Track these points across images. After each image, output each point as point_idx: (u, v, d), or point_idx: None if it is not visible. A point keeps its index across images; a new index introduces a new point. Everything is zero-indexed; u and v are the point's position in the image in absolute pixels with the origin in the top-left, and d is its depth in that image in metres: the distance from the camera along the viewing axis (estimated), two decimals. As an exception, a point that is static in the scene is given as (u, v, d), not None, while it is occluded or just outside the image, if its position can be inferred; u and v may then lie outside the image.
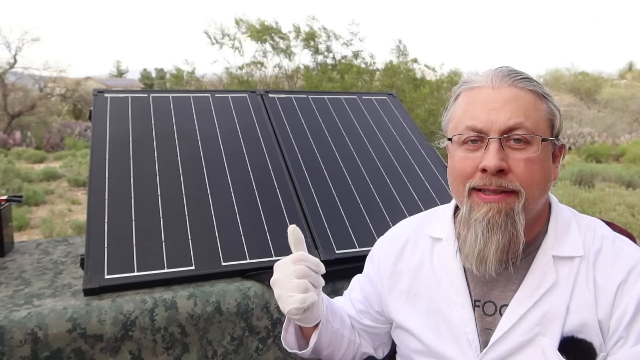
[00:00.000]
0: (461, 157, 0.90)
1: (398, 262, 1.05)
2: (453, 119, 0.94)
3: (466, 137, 0.89)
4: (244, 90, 2.14)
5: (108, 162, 1.58)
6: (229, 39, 10.62)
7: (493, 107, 0.87)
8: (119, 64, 37.90)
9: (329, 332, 1.03)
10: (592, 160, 11.57)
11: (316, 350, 1.05)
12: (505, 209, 0.85)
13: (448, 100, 0.99)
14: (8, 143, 13.32)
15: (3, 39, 20.42)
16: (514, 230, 0.85)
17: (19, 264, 1.51)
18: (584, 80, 22.57)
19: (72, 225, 6.12)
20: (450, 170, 0.94)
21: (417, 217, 1.12)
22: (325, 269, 0.95)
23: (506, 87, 0.88)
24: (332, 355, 1.08)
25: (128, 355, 1.19)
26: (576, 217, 0.96)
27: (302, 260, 0.92)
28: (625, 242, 0.92)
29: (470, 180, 0.88)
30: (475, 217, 0.87)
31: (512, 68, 0.93)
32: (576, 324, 0.86)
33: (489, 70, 0.93)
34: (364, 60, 11.14)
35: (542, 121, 0.88)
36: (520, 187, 0.85)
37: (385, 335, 1.13)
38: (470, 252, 0.88)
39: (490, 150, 0.85)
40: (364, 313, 1.11)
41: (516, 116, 0.86)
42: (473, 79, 0.93)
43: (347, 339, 1.08)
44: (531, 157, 0.86)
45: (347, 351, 1.09)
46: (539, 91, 0.89)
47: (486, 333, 0.92)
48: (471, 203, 0.89)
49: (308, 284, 0.91)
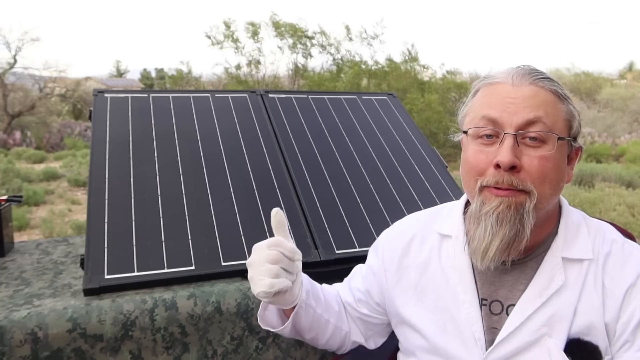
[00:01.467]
0: (475, 150, 0.90)
1: (404, 257, 1.05)
2: (470, 112, 0.94)
3: (482, 131, 0.89)
4: (244, 90, 2.14)
5: (108, 162, 1.58)
6: (231, 39, 10.62)
7: (512, 102, 0.87)
8: (119, 64, 37.89)
9: (310, 317, 1.04)
10: (592, 160, 11.57)
11: (297, 332, 1.07)
12: (515, 204, 0.85)
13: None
14: (8, 143, 13.32)
15: (3, 39, 20.39)
16: (521, 227, 0.85)
17: (19, 264, 1.51)
18: (584, 80, 22.56)
19: (72, 225, 6.12)
20: (464, 163, 0.94)
21: (423, 213, 1.11)
22: (302, 256, 0.97)
23: (526, 85, 0.88)
24: (316, 339, 1.09)
25: (128, 355, 1.19)
26: (586, 220, 0.96)
27: (277, 245, 0.94)
28: (635, 247, 0.92)
29: (482, 177, 0.88)
30: (486, 210, 0.87)
31: (534, 67, 0.92)
32: (583, 327, 0.86)
33: (510, 68, 0.93)
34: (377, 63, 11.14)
35: (560, 120, 0.88)
36: (532, 187, 0.85)
37: (379, 326, 1.14)
38: (477, 246, 0.88)
39: (504, 146, 0.85)
40: (363, 302, 1.11)
41: (535, 111, 0.85)
42: (493, 75, 0.93)
43: (332, 325, 1.08)
44: (545, 155, 0.85)
45: (332, 337, 1.10)
46: (559, 91, 0.89)
47: (492, 332, 0.92)
48: (482, 198, 0.88)
49: (279, 270, 0.92)
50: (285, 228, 0.98)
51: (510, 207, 0.85)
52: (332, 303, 1.11)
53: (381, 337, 1.16)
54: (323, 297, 1.08)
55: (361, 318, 1.12)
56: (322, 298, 1.08)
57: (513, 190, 0.85)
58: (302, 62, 11.17)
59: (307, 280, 1.06)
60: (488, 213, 0.86)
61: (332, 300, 1.12)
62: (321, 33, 11.12)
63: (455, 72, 11.51)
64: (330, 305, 1.10)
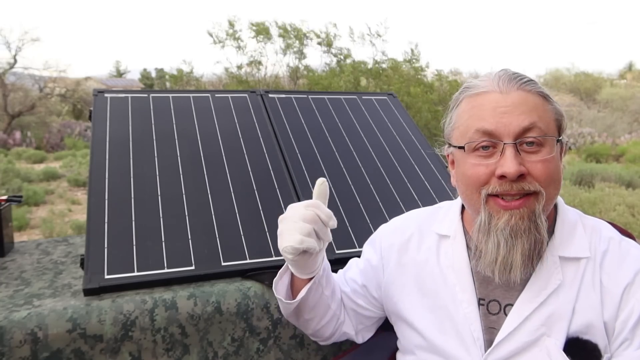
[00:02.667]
0: (473, 164, 0.88)
1: (403, 255, 1.05)
2: (459, 126, 0.92)
3: (477, 144, 0.87)
4: (244, 90, 2.14)
5: (108, 162, 1.58)
6: (233, 38, 10.60)
7: (504, 110, 0.86)
8: (118, 64, 37.92)
9: (317, 296, 1.02)
10: (592, 160, 11.58)
11: (299, 309, 1.05)
12: (527, 213, 0.84)
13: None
14: (8, 143, 13.32)
15: (3, 39, 20.42)
16: (538, 234, 0.85)
17: (19, 264, 1.51)
18: (584, 80, 22.57)
19: (72, 225, 6.12)
20: (462, 177, 0.92)
21: (420, 211, 1.11)
22: (336, 225, 0.94)
23: (515, 91, 0.87)
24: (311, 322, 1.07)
25: (128, 356, 1.19)
26: (582, 219, 0.96)
27: (315, 207, 0.92)
28: (632, 245, 0.92)
29: (486, 186, 0.87)
30: (498, 225, 0.85)
31: (514, 70, 0.92)
32: (582, 325, 0.86)
33: (490, 74, 0.92)
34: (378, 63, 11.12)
35: (552, 122, 0.88)
36: (540, 187, 0.85)
37: (371, 320, 1.14)
38: (491, 259, 0.87)
39: (507, 156, 0.84)
40: (359, 294, 1.12)
41: (529, 117, 0.85)
42: (476, 84, 0.91)
43: (332, 312, 1.07)
44: (547, 158, 0.85)
45: (328, 324, 1.08)
46: (544, 92, 0.90)
47: (490, 332, 0.92)
48: (490, 210, 0.87)
49: (312, 230, 0.90)
50: (325, 199, 0.95)
51: (524, 218, 0.84)
52: (337, 289, 1.11)
53: (369, 332, 1.16)
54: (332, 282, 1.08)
55: (355, 310, 1.12)
56: (332, 281, 1.08)
57: (523, 198, 0.85)
58: (303, 62, 11.18)
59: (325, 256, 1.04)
60: (500, 228, 0.85)
61: (337, 287, 1.12)
62: (324, 33, 11.13)
63: (456, 72, 11.51)
64: (336, 292, 1.10)
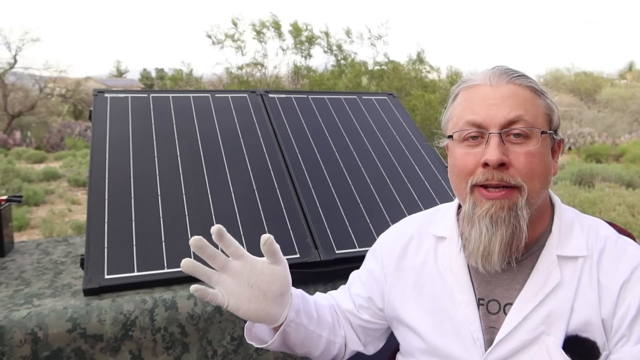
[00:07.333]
0: (462, 153, 0.91)
1: (402, 259, 1.05)
2: (453, 117, 0.96)
3: (466, 134, 0.90)
4: (244, 90, 2.14)
5: (108, 162, 1.58)
6: (232, 39, 10.59)
7: (492, 102, 0.89)
8: (119, 64, 37.90)
9: (302, 334, 1.02)
10: (592, 160, 11.58)
11: (288, 348, 1.05)
12: (508, 204, 0.86)
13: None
14: (8, 143, 13.33)
15: (3, 39, 20.42)
16: (517, 224, 0.86)
17: (19, 264, 1.51)
18: (584, 80, 22.57)
19: (72, 225, 6.12)
20: (452, 167, 0.95)
21: (418, 215, 1.12)
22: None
23: (504, 85, 0.90)
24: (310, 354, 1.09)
25: (128, 355, 1.19)
26: (579, 218, 0.97)
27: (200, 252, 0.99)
28: (629, 243, 0.93)
29: (472, 176, 0.89)
30: (479, 213, 0.88)
31: (508, 67, 0.95)
32: (580, 323, 0.87)
33: (485, 69, 0.95)
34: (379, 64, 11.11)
35: (541, 115, 0.90)
36: (522, 182, 0.86)
37: (379, 332, 1.14)
38: (474, 248, 0.89)
39: (491, 145, 0.86)
40: (364, 308, 1.11)
41: (516, 109, 0.87)
42: (471, 78, 0.95)
43: (325, 340, 1.07)
44: (531, 150, 0.87)
45: (325, 350, 1.09)
46: (535, 87, 0.92)
47: (490, 331, 0.92)
48: (474, 199, 0.89)
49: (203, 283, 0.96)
50: (271, 255, 0.96)
51: (504, 208, 0.86)
52: (325, 317, 1.09)
53: (380, 341, 1.16)
54: (316, 313, 1.07)
55: (362, 325, 1.12)
56: (315, 314, 1.06)
57: (504, 190, 0.86)
58: (304, 62, 11.16)
59: (300, 297, 1.03)
60: (481, 216, 0.87)
61: (326, 313, 1.10)
62: (325, 34, 11.12)
63: (456, 72, 11.50)
64: (324, 320, 1.08)
